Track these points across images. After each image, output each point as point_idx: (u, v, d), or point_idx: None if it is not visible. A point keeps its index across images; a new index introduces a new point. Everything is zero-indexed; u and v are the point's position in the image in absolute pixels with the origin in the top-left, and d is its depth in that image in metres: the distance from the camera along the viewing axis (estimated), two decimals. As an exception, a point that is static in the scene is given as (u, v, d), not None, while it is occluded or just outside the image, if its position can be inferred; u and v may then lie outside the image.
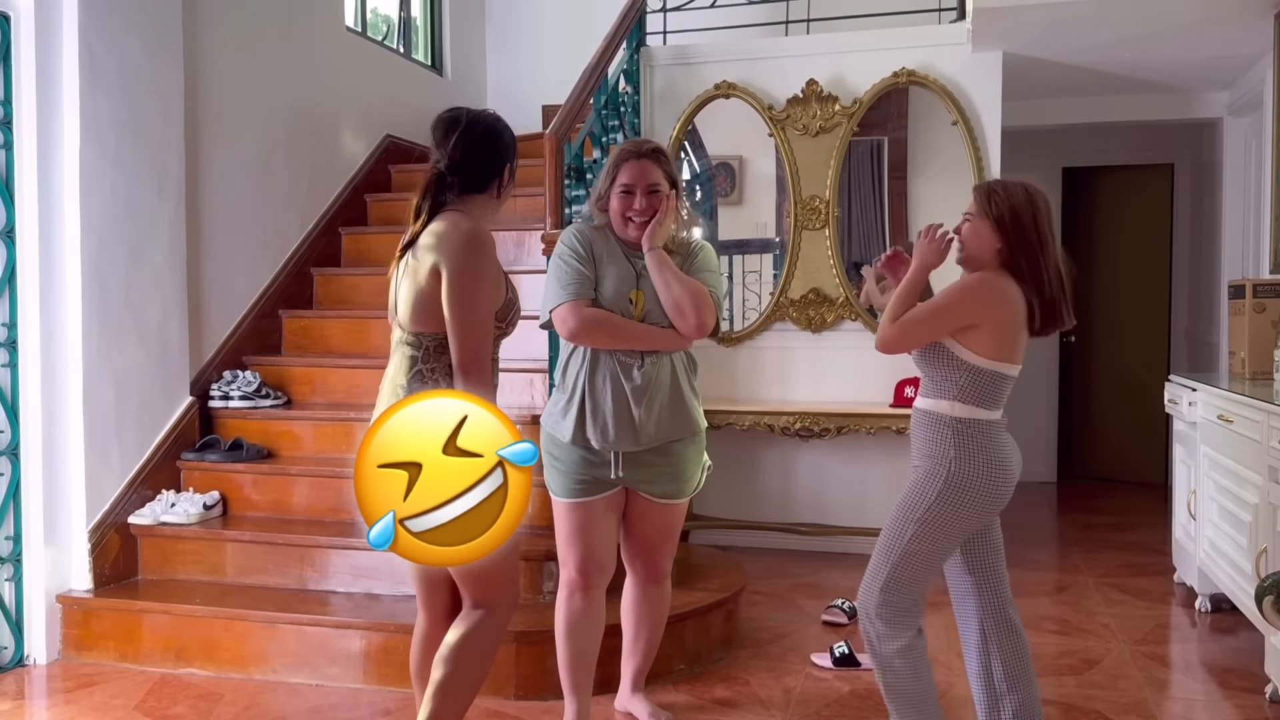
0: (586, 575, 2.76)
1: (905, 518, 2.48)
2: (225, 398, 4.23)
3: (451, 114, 2.43)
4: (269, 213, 4.73)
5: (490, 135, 2.41)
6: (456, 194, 2.38)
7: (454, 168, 2.37)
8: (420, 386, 2.30)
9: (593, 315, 2.64)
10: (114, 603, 3.61)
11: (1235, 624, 3.85)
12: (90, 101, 3.63)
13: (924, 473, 2.49)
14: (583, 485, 2.71)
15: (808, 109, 5.00)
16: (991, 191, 2.53)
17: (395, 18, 6.14)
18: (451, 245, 2.26)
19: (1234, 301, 4.15)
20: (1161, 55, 4.90)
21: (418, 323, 2.34)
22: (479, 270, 2.27)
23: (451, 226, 2.30)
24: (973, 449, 2.47)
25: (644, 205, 2.67)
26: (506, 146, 2.44)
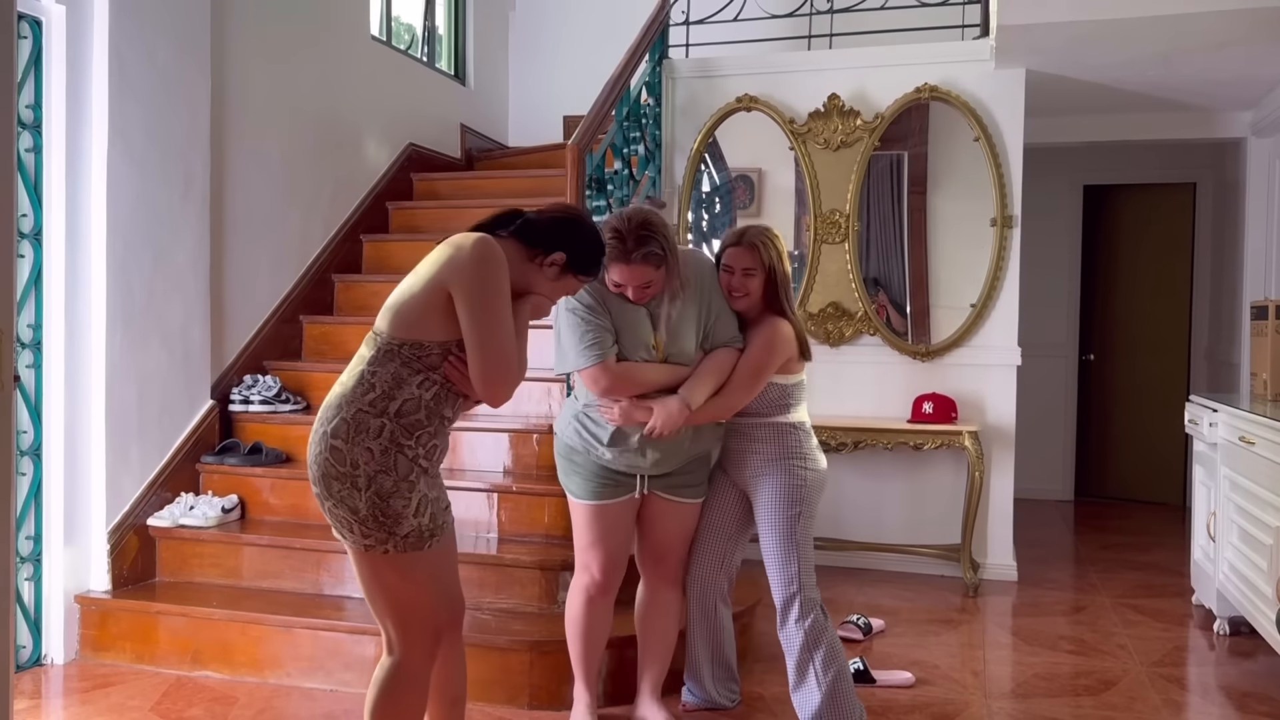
0: (608, 575, 2.87)
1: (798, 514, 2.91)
2: (245, 402, 4.25)
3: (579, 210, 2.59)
4: (292, 218, 4.76)
5: (573, 223, 2.41)
6: (510, 232, 2.34)
7: (529, 217, 2.38)
8: (356, 387, 2.20)
9: (623, 373, 2.72)
10: (131, 604, 3.63)
11: (1254, 647, 3.81)
12: (119, 106, 3.67)
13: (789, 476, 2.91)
14: (606, 488, 2.82)
15: (829, 123, 5.01)
16: (764, 245, 2.91)
17: (419, 27, 6.18)
18: (467, 259, 2.20)
19: (1256, 322, 4.13)
20: (1185, 74, 4.88)
21: (385, 318, 2.25)
22: (496, 280, 2.21)
23: (469, 240, 2.24)
24: (812, 447, 3.00)
25: (639, 295, 2.71)
26: (580, 249, 2.38)
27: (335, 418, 2.21)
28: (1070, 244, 7.00)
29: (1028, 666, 3.65)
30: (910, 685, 3.43)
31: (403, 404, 2.19)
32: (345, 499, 2.18)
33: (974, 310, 4.85)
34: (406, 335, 2.21)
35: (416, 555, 2.23)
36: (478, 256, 2.20)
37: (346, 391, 2.23)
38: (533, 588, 3.50)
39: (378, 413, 2.18)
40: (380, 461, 2.17)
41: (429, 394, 2.22)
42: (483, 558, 3.55)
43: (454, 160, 6.12)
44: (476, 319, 2.19)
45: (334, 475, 2.18)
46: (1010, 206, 4.83)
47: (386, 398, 2.19)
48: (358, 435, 2.17)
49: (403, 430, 2.20)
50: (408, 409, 2.20)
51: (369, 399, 2.19)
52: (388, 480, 2.18)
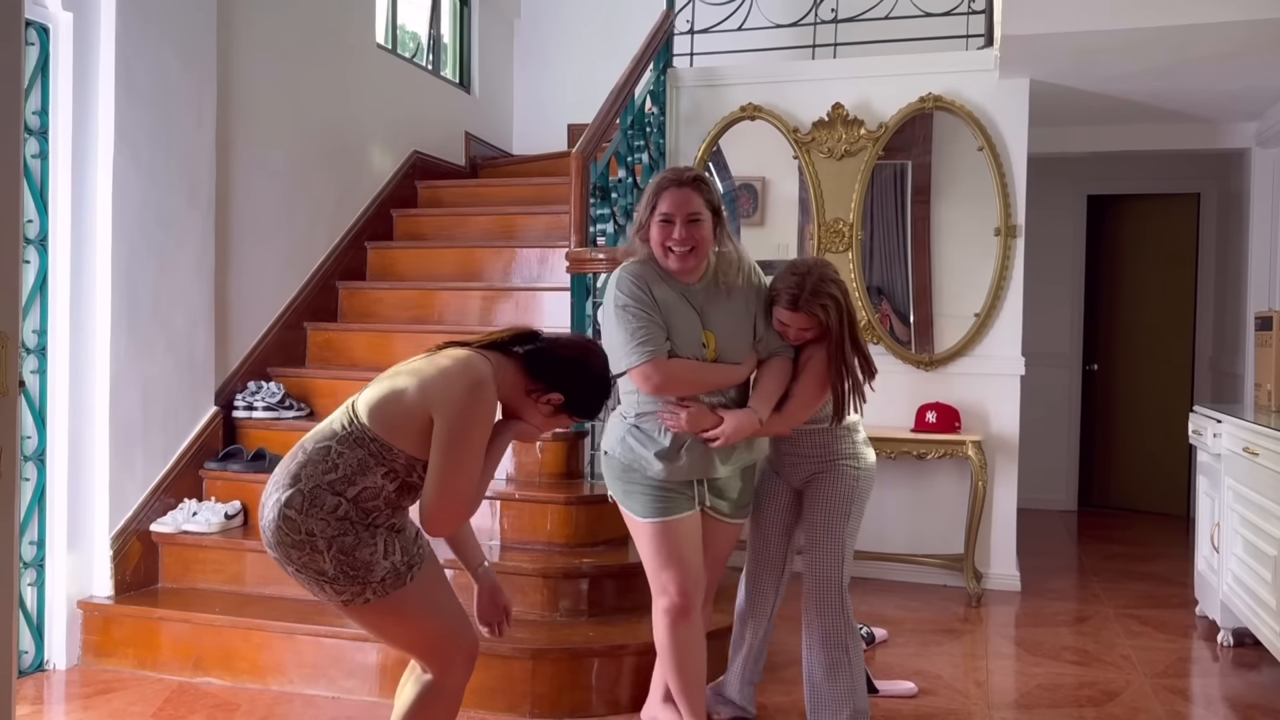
0: (688, 595, 2.69)
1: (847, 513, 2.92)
2: (249, 408, 4.26)
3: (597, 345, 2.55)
4: (297, 225, 4.77)
5: (588, 371, 2.38)
6: (519, 355, 2.34)
7: (547, 344, 2.38)
8: (319, 463, 2.18)
9: (676, 370, 2.62)
10: (134, 610, 3.63)
11: (1258, 659, 3.80)
12: (125, 112, 3.68)
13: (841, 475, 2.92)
14: (668, 503, 2.69)
15: (833, 132, 5.02)
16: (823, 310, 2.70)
17: (425, 35, 6.20)
18: (454, 394, 2.17)
19: (1261, 333, 4.12)
20: (1190, 85, 4.89)
21: (366, 408, 2.22)
22: (473, 422, 2.18)
23: (466, 375, 2.20)
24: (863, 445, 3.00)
25: (684, 235, 2.60)
26: (580, 392, 2.36)
27: (291, 488, 2.16)
28: (1074, 254, 7.00)
29: (1031, 677, 3.64)
30: (913, 695, 3.42)
31: (362, 490, 2.17)
32: (309, 563, 2.15)
33: (977, 319, 4.84)
34: (381, 434, 2.19)
35: (401, 592, 2.19)
36: (470, 400, 2.17)
37: (308, 463, 2.19)
38: (535, 595, 3.50)
39: (335, 492, 2.16)
40: (337, 528, 2.15)
41: (392, 486, 2.21)
42: (485, 565, 3.54)
43: (458, 168, 6.14)
44: (446, 457, 2.16)
45: (290, 544, 2.15)
46: (1014, 216, 4.83)
47: (347, 481, 2.17)
48: (312, 508, 2.14)
49: (359, 513, 2.18)
50: (366, 496, 2.18)
51: (329, 478, 2.16)
52: (349, 538, 2.15)
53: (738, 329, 2.70)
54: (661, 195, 2.63)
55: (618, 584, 3.59)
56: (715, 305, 2.69)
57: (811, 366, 2.77)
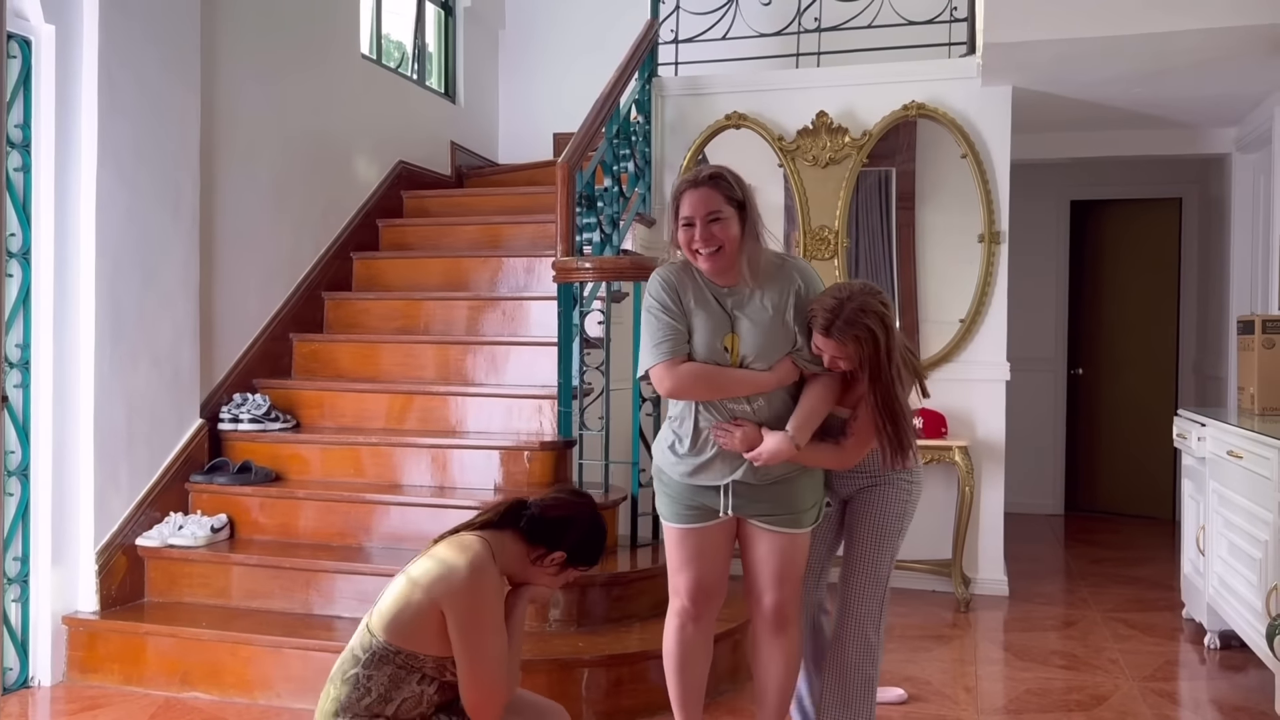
0: (697, 604, 2.68)
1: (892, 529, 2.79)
2: (235, 420, 4.24)
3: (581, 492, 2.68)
4: (282, 236, 4.76)
5: (582, 523, 2.47)
6: (505, 530, 2.41)
7: (536, 507, 2.44)
8: (350, 695, 2.25)
9: (689, 372, 2.53)
10: (120, 625, 3.60)
11: (1245, 661, 3.82)
12: (108, 125, 3.67)
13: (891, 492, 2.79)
14: (693, 512, 2.63)
15: (817, 140, 5.04)
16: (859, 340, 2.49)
17: (410, 45, 6.20)
18: (457, 582, 2.25)
19: (1243, 337, 4.15)
20: (1170, 91, 4.93)
21: (381, 625, 2.28)
22: (483, 608, 2.27)
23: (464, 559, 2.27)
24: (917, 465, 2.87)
25: (705, 235, 2.51)
26: (579, 545, 2.46)
27: None
28: (1058, 259, 7.04)
29: (1020, 682, 3.65)
30: (903, 702, 3.42)
31: (401, 704, 2.26)
32: None
33: (963, 325, 4.87)
34: (403, 644, 2.26)
35: None
36: (473, 585, 2.25)
37: (342, 698, 2.26)
38: (524, 606, 3.48)
39: (372, 715, 2.24)
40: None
41: (431, 689, 2.30)
42: (474, 576, 3.53)
43: (444, 177, 6.13)
44: (467, 645, 2.25)
45: None
46: (998, 222, 4.86)
47: (384, 700, 2.25)
48: None
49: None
50: (407, 708, 2.27)
51: (364, 703, 2.24)
52: (390, 706, 2.25)
53: (766, 334, 2.54)
54: (681, 199, 2.56)
55: (607, 594, 3.58)
56: (747, 308, 2.56)
57: (864, 406, 2.59)
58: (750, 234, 2.55)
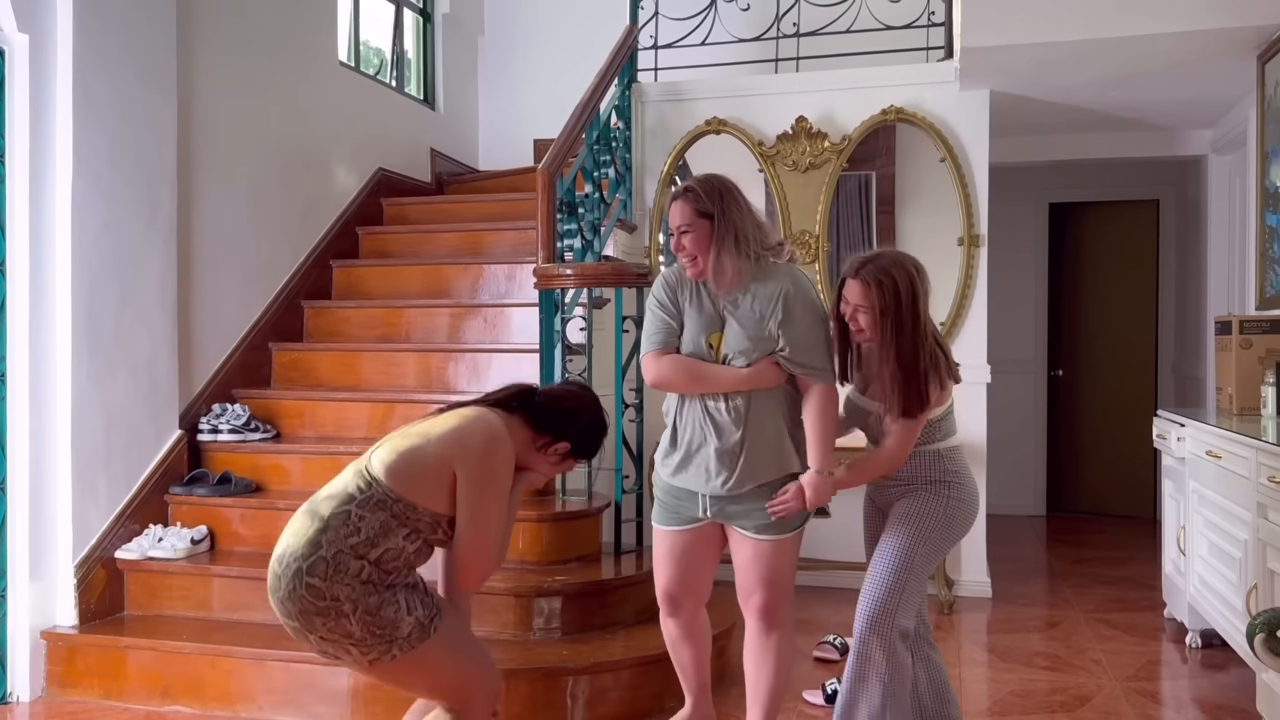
0: (668, 601, 2.83)
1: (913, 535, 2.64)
2: (214, 431, 4.21)
3: (586, 387, 2.73)
4: (261, 245, 4.73)
5: (589, 417, 2.55)
6: (520, 410, 2.46)
7: (546, 398, 2.51)
8: (339, 526, 2.23)
9: (670, 362, 2.66)
10: (99, 639, 3.57)
11: (1226, 660, 3.85)
12: (83, 135, 3.64)
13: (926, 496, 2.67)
14: (674, 515, 2.76)
15: (797, 145, 5.05)
16: (882, 286, 2.55)
17: (388, 52, 6.18)
18: (474, 447, 2.31)
19: (1221, 338, 4.18)
20: (1146, 94, 4.97)
21: (385, 470, 2.29)
22: (495, 474, 2.32)
23: (483, 424, 2.35)
24: (964, 470, 2.75)
25: (678, 245, 2.68)
26: (584, 438, 2.55)
27: (313, 555, 2.20)
28: (1037, 261, 7.08)
29: (1003, 684, 3.66)
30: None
31: (384, 552, 2.25)
32: (334, 628, 2.20)
33: (943, 328, 4.88)
34: (405, 494, 2.27)
35: (426, 645, 2.26)
36: (490, 451, 2.31)
37: (328, 528, 2.23)
38: (507, 615, 3.48)
39: (358, 555, 2.22)
40: (361, 591, 2.21)
41: (412, 548, 2.30)
42: (457, 585, 3.52)
43: (424, 184, 6.11)
44: (474, 508, 2.29)
45: (314, 612, 2.19)
46: (977, 225, 4.88)
47: (370, 544, 2.23)
48: (337, 574, 2.20)
49: (380, 574, 2.25)
50: (388, 558, 2.26)
51: (351, 542, 2.22)
52: (372, 599, 2.21)
53: (750, 334, 2.61)
54: (668, 211, 2.75)
55: (591, 601, 3.57)
56: (738, 311, 2.64)
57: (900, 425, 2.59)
58: (723, 243, 2.62)
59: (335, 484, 2.34)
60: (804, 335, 2.61)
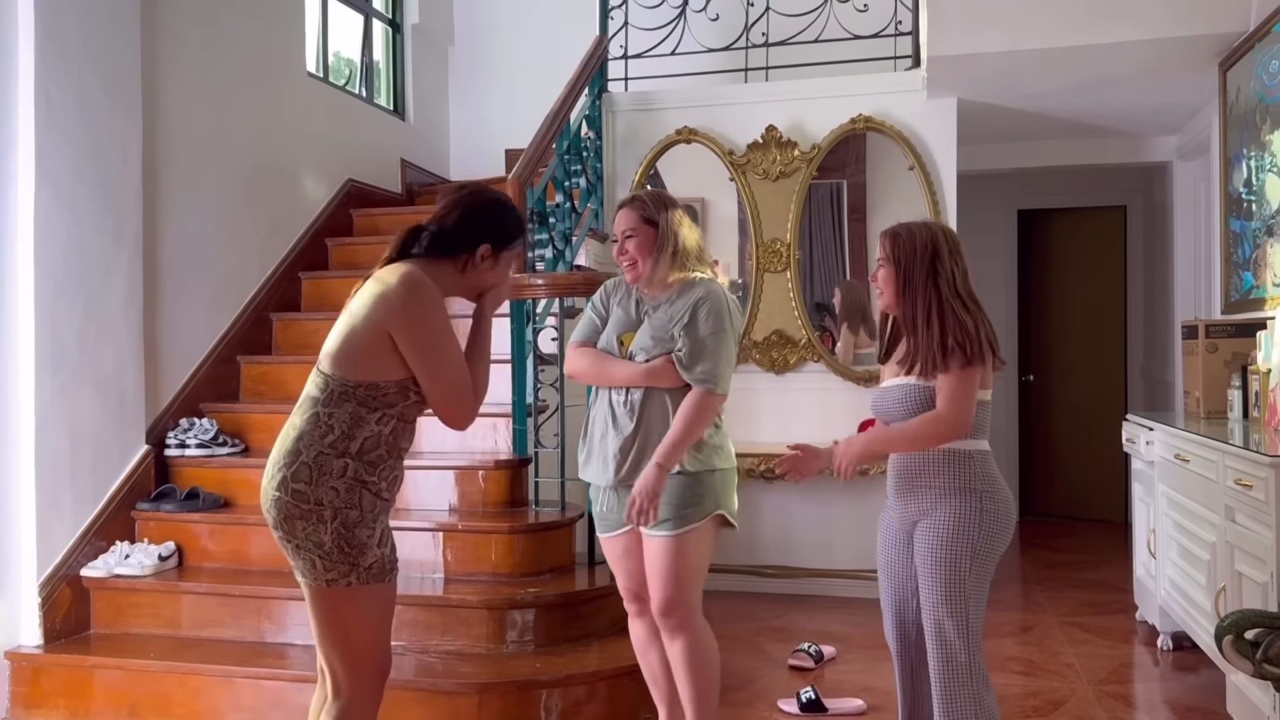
0: (633, 600, 2.87)
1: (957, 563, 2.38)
2: (182, 446, 4.16)
3: (465, 183, 2.49)
4: (228, 257, 4.69)
5: (479, 207, 2.36)
6: (423, 250, 2.33)
7: (432, 223, 2.34)
8: (311, 430, 2.20)
9: (578, 353, 2.81)
10: (65, 658, 3.51)
11: (1197, 662, 3.87)
12: (46, 148, 3.59)
13: (955, 513, 2.40)
14: (603, 522, 2.84)
15: (768, 154, 5.06)
16: (898, 238, 2.51)
17: (358, 62, 6.15)
18: (397, 298, 2.20)
19: (1188, 342, 4.22)
20: (1112, 101, 5.02)
21: (334, 362, 2.24)
22: (431, 315, 2.22)
23: (394, 277, 2.23)
24: (995, 477, 2.47)
25: (621, 249, 2.78)
26: (492, 226, 2.36)
27: (295, 462, 2.19)
28: (1006, 267, 7.13)
29: (978, 689, 3.66)
30: (862, 713, 3.43)
31: (363, 442, 2.21)
32: (310, 535, 2.18)
33: (915, 335, 4.90)
34: (361, 377, 2.21)
35: (378, 588, 2.23)
36: (407, 294, 2.21)
37: (303, 434, 2.21)
38: (480, 628, 3.45)
39: (339, 453, 2.19)
40: (345, 498, 2.19)
41: (388, 429, 2.25)
42: (428, 599, 3.49)
43: (394, 195, 6.08)
44: (423, 356, 2.21)
45: (297, 515, 2.18)
46: (947, 233, 4.90)
47: (347, 438, 2.20)
48: (321, 476, 2.18)
49: (365, 467, 2.22)
50: (369, 446, 2.22)
51: (328, 440, 2.19)
52: (353, 513, 2.20)
53: (654, 334, 2.71)
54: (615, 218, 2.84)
55: (564, 613, 3.55)
56: (654, 316, 2.76)
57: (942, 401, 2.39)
58: (662, 250, 2.72)
59: (301, 398, 2.30)
60: (700, 341, 2.64)
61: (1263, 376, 3.58)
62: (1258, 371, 3.65)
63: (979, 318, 2.46)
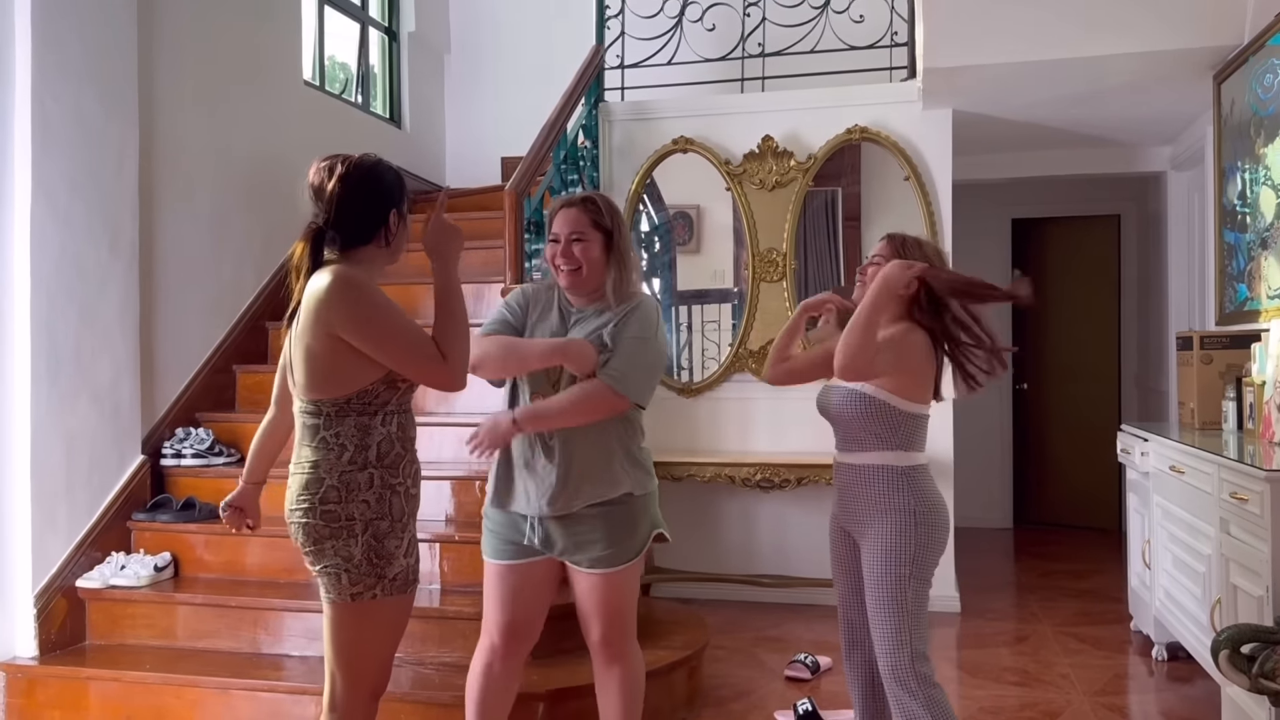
0: (508, 643, 2.64)
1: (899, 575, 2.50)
2: (178, 456, 4.15)
3: (326, 162, 2.30)
4: (224, 267, 4.69)
5: (368, 181, 2.28)
6: (339, 249, 2.27)
7: (332, 221, 2.25)
8: (325, 455, 2.19)
9: (487, 340, 2.53)
10: (61, 670, 3.50)
11: (1191, 673, 3.88)
12: (42, 159, 3.59)
13: (894, 528, 2.52)
14: (509, 547, 2.59)
15: (764, 164, 5.07)
16: (905, 242, 2.61)
17: (354, 69, 6.16)
18: (335, 303, 2.13)
19: (1182, 353, 4.24)
20: (1106, 112, 5.04)
21: (313, 389, 2.20)
22: (372, 304, 2.16)
23: (321, 284, 2.16)
24: (929, 490, 2.58)
25: (566, 252, 2.55)
26: (389, 191, 2.29)
27: (320, 488, 2.19)
28: (1001, 276, 7.12)
29: (973, 700, 3.67)
30: (859, 725, 3.43)
31: (379, 447, 2.22)
32: (339, 550, 2.19)
33: (910, 345, 4.90)
34: (346, 391, 2.21)
35: (399, 601, 2.25)
36: (339, 293, 2.14)
37: (319, 462, 2.21)
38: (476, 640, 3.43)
39: (360, 466, 2.20)
40: (376, 509, 2.20)
41: (394, 426, 2.25)
42: (424, 610, 3.48)
43: (390, 204, 6.07)
44: (382, 344, 2.17)
45: (327, 535, 2.19)
46: (941, 243, 4.92)
47: (362, 449, 2.21)
48: (350, 493, 2.19)
49: (389, 471, 2.23)
50: (385, 449, 2.23)
51: (345, 458, 2.20)
52: (384, 523, 2.21)
53: (583, 335, 2.55)
54: (554, 217, 2.62)
55: (559, 625, 3.51)
56: (583, 323, 2.58)
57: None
58: (616, 261, 2.58)
59: (296, 436, 2.27)
60: (622, 342, 2.51)
61: (1257, 389, 3.60)
62: (1252, 384, 3.66)
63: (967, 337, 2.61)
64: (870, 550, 2.55)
